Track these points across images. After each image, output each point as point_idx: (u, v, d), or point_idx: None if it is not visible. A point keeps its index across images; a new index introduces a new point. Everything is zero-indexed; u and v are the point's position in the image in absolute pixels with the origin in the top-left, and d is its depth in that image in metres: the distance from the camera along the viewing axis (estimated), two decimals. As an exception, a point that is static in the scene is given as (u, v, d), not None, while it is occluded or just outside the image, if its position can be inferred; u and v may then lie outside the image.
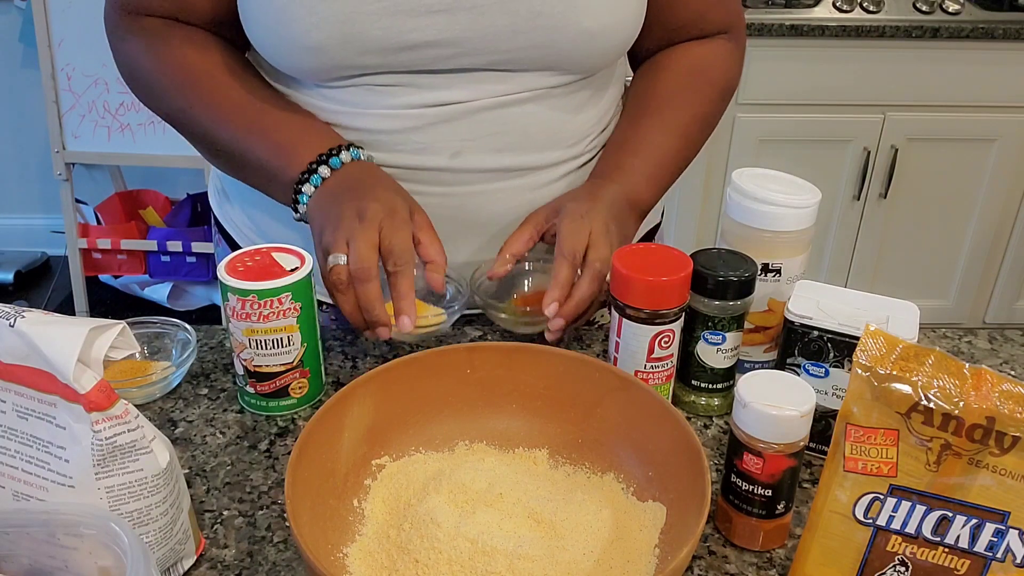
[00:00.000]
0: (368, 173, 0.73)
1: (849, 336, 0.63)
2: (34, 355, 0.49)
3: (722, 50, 0.86)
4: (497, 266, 0.76)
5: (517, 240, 0.76)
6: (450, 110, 0.74)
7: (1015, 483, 0.47)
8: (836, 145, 2.08)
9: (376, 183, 0.72)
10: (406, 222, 0.69)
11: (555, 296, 0.70)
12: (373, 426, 0.62)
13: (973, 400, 0.46)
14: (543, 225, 0.76)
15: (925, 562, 0.50)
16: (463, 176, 0.77)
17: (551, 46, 0.72)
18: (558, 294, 0.70)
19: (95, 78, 2.12)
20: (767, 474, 0.56)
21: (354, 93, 0.74)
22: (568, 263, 0.71)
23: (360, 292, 0.67)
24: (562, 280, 0.71)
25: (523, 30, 0.70)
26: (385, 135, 0.75)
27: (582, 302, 0.71)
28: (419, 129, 0.74)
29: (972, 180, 2.13)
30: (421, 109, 0.73)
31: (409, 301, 0.68)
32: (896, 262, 2.24)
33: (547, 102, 0.76)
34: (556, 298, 0.70)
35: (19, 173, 2.70)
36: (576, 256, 0.71)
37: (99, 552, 0.48)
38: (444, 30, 0.69)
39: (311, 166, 0.72)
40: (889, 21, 1.94)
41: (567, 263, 0.71)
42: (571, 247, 0.71)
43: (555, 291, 0.70)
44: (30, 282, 2.62)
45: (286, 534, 0.60)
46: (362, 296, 0.67)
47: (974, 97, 2.03)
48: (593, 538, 0.55)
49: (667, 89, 0.84)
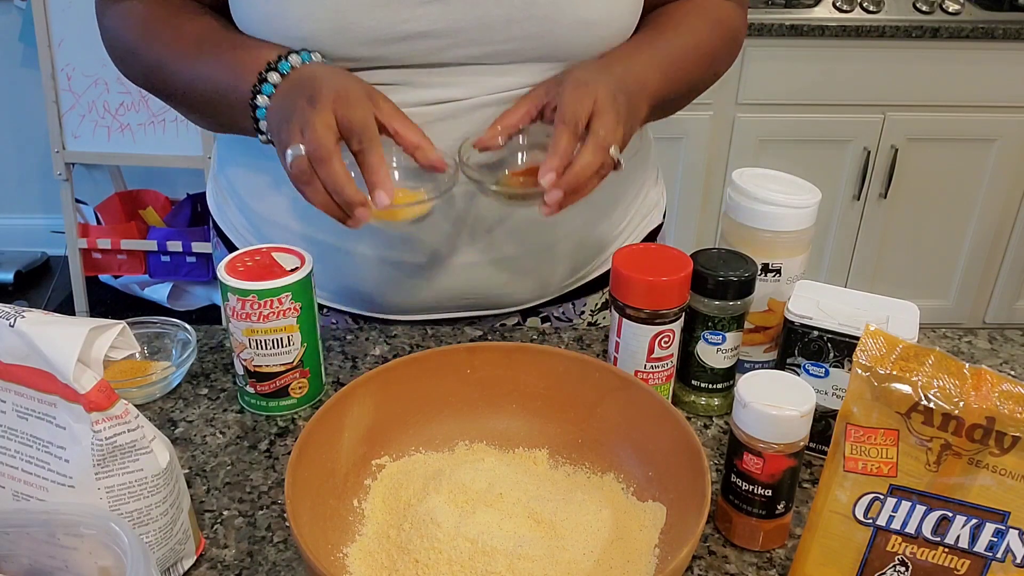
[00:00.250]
0: (319, 68, 0.69)
1: (849, 336, 0.63)
2: (34, 355, 0.49)
3: (727, 6, 0.84)
4: (487, 135, 0.70)
5: (512, 113, 0.70)
6: (449, 108, 0.73)
7: (1015, 483, 0.47)
8: (836, 145, 2.08)
9: (328, 73, 0.67)
10: (362, 99, 0.65)
11: (552, 165, 0.64)
12: (373, 426, 0.62)
13: (973, 400, 0.46)
14: (543, 99, 0.70)
15: (925, 562, 0.50)
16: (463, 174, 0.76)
17: (546, 36, 0.71)
18: (556, 163, 0.64)
19: (95, 78, 2.12)
20: (767, 474, 0.56)
21: None
22: (568, 130, 0.65)
23: (323, 175, 0.62)
24: (561, 148, 0.65)
25: (517, 19, 0.70)
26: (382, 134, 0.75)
27: (582, 173, 0.65)
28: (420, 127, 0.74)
29: (972, 180, 2.13)
30: (419, 108, 0.73)
31: (382, 175, 0.63)
32: (896, 262, 2.24)
33: None
34: (553, 167, 0.64)
35: (19, 173, 2.70)
36: (578, 123, 0.65)
37: (99, 552, 0.48)
38: (438, 20, 0.69)
39: (260, 75, 0.69)
40: (889, 21, 1.94)
41: (567, 130, 0.65)
42: (573, 113, 0.65)
43: (553, 160, 0.65)
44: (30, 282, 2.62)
45: (286, 534, 0.60)
46: (326, 178, 0.62)
47: (974, 97, 2.03)
48: (593, 538, 0.55)
49: (674, 16, 0.80)
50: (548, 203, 0.65)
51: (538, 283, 0.83)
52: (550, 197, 0.65)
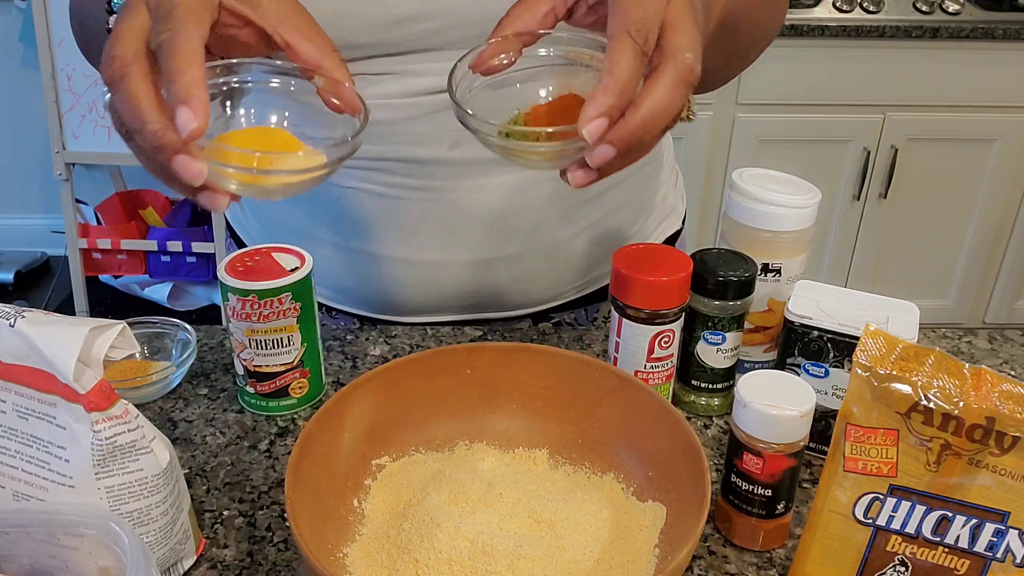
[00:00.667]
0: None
1: (849, 336, 0.63)
2: (34, 355, 0.49)
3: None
4: (490, 48, 0.49)
5: (527, 9, 0.49)
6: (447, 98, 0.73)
7: (1015, 483, 0.47)
8: (836, 145, 2.08)
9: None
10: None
11: (606, 103, 0.43)
12: (373, 426, 0.62)
13: (973, 400, 0.46)
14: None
15: (925, 562, 0.50)
16: (463, 168, 0.74)
17: None
18: (611, 100, 0.43)
19: (95, 78, 2.12)
20: (767, 474, 0.56)
21: None
22: (633, 45, 0.43)
23: (115, 100, 0.44)
24: (622, 74, 0.43)
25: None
26: (381, 126, 0.73)
27: (652, 117, 0.44)
28: (416, 119, 0.72)
29: (972, 180, 2.13)
30: (416, 98, 0.71)
31: (187, 81, 0.42)
32: (896, 262, 2.24)
33: None
34: (606, 107, 0.43)
35: (19, 173, 2.70)
36: (648, 37, 0.44)
37: (99, 552, 0.48)
38: (430, 1, 0.67)
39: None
40: (889, 21, 1.94)
41: (631, 45, 0.43)
42: (640, 19, 0.44)
43: (607, 94, 0.43)
44: (30, 282, 2.62)
45: (286, 534, 0.60)
46: (119, 103, 0.44)
47: (974, 97, 2.03)
48: (593, 538, 0.55)
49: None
50: (594, 163, 0.45)
51: (548, 285, 0.82)
52: (597, 155, 0.44)
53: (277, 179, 0.47)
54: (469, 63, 0.50)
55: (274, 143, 0.50)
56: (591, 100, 0.44)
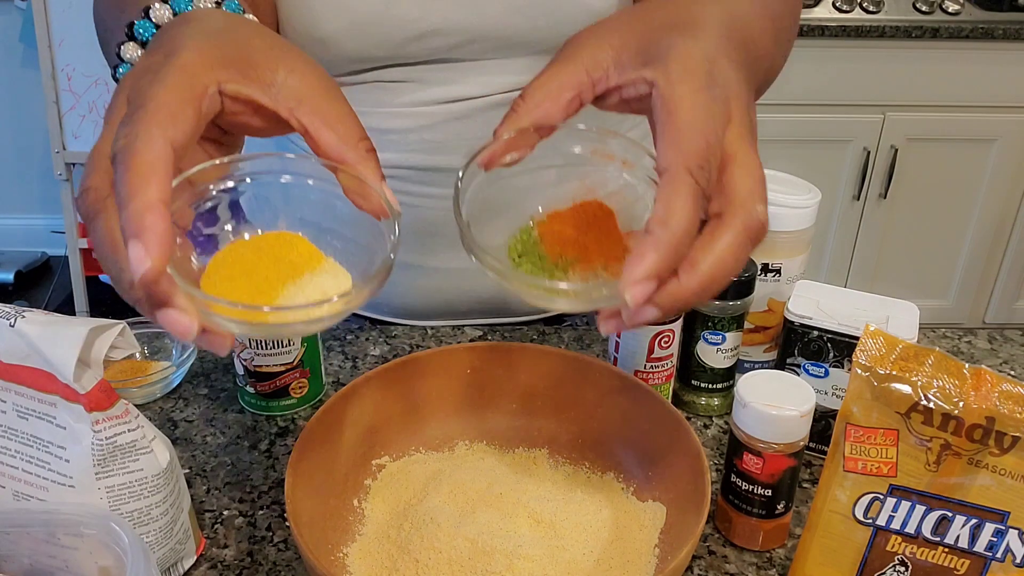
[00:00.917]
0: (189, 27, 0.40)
1: (849, 336, 0.63)
2: (34, 355, 0.49)
3: None
4: (501, 148, 0.41)
5: (539, 93, 0.41)
6: (463, 106, 0.72)
7: (1015, 483, 0.47)
8: (836, 145, 2.08)
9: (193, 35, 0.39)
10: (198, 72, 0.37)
11: (656, 263, 0.36)
12: (373, 426, 0.62)
13: (973, 400, 0.46)
14: (600, 74, 0.41)
15: (925, 562, 0.50)
16: None
17: (554, 27, 0.68)
18: (663, 259, 0.36)
19: (95, 78, 2.12)
20: (767, 474, 0.56)
21: (364, 91, 0.73)
22: (693, 187, 0.36)
23: (92, 240, 0.37)
24: (678, 226, 0.36)
25: (524, 10, 0.67)
26: (397, 134, 0.73)
27: (712, 282, 0.38)
28: (432, 127, 0.72)
29: (972, 180, 2.13)
30: (433, 106, 0.72)
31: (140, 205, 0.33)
32: (896, 262, 2.24)
33: None
34: (656, 267, 0.36)
35: (19, 173, 2.70)
36: (712, 174, 0.37)
37: (99, 552, 0.48)
38: (448, 16, 0.67)
39: (118, 46, 0.45)
40: (889, 21, 1.94)
41: (690, 187, 0.36)
42: (703, 151, 0.37)
43: (660, 250, 0.36)
44: (30, 282, 2.61)
45: (286, 534, 0.60)
46: (94, 244, 0.37)
47: (974, 97, 2.03)
48: (593, 538, 0.55)
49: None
50: (629, 322, 0.39)
51: None
52: (636, 317, 0.38)
53: (292, 316, 0.37)
54: (479, 161, 0.41)
55: (289, 257, 0.40)
56: (639, 256, 0.36)
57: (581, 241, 0.41)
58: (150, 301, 0.36)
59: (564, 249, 0.41)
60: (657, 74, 0.39)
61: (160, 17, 0.43)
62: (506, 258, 0.41)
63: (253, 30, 0.42)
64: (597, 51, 0.41)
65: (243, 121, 0.41)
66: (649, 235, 0.36)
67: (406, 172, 0.74)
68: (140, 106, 0.35)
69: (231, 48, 0.39)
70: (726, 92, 0.39)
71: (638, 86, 0.40)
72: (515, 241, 0.42)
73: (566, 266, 0.41)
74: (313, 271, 0.40)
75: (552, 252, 0.41)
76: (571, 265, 0.40)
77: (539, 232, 0.42)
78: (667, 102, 0.38)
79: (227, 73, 0.38)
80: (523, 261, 0.42)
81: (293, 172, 0.42)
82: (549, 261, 0.41)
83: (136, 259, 0.33)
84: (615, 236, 0.42)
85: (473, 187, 0.41)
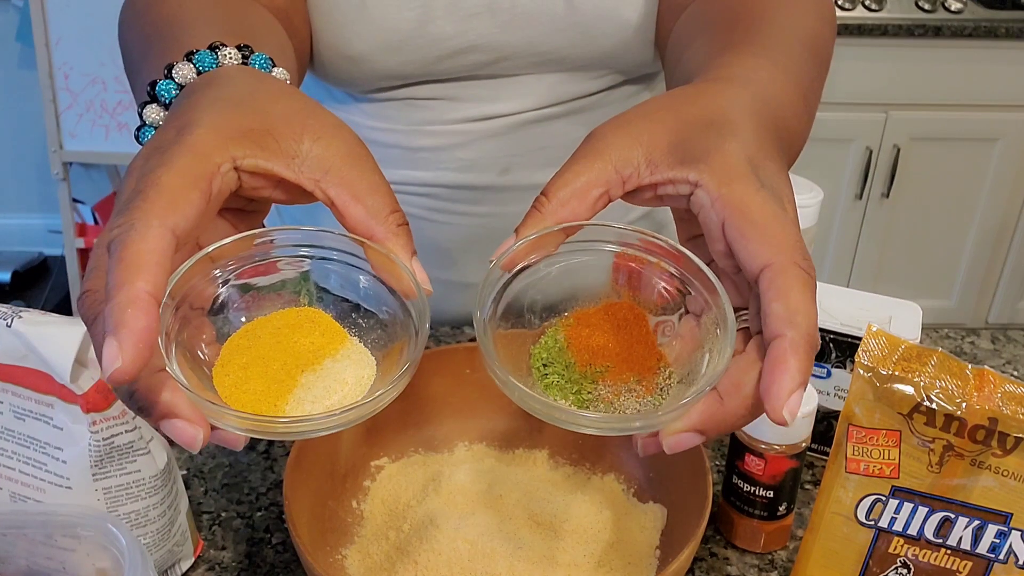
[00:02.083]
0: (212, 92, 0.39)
1: (851, 336, 0.62)
2: (31, 355, 0.49)
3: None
4: (524, 249, 0.39)
5: (574, 193, 0.38)
6: (496, 124, 0.71)
7: (1017, 484, 0.46)
8: (838, 144, 2.08)
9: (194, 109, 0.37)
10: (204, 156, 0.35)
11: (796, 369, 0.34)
12: (372, 427, 0.62)
13: (976, 401, 0.46)
14: (630, 171, 0.38)
15: (927, 564, 0.50)
16: (512, 194, 0.73)
17: (590, 43, 0.67)
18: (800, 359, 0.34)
19: (93, 77, 2.12)
20: (769, 475, 0.56)
21: (396, 108, 0.71)
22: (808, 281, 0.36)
23: (94, 345, 0.33)
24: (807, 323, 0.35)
25: (561, 28, 0.67)
26: (429, 152, 0.72)
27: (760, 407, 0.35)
28: (464, 145, 0.72)
29: (975, 179, 2.12)
30: (465, 124, 0.71)
31: (122, 299, 0.31)
32: (898, 262, 2.23)
33: (598, 111, 0.72)
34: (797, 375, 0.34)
35: (16, 172, 2.70)
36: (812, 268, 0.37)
37: (96, 554, 0.48)
38: (484, 33, 0.67)
39: (141, 107, 0.42)
40: (891, 20, 1.93)
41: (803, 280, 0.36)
42: (797, 242, 0.37)
43: (796, 351, 0.34)
44: (27, 282, 2.61)
45: (284, 536, 0.60)
46: (97, 352, 0.32)
47: (977, 96, 2.02)
48: (593, 540, 0.55)
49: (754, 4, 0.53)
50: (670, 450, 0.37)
51: None
52: (676, 447, 0.36)
53: (306, 427, 0.35)
54: (500, 264, 0.38)
55: (309, 339, 0.38)
56: (781, 365, 0.33)
57: (612, 348, 0.39)
58: (154, 415, 0.33)
59: (594, 358, 0.38)
60: (702, 176, 0.37)
61: (184, 77, 0.41)
62: (531, 375, 0.38)
63: (278, 92, 0.40)
64: (626, 148, 0.39)
65: (265, 195, 0.39)
66: (782, 339, 0.34)
67: (437, 190, 0.73)
68: (139, 192, 0.34)
69: (251, 118, 0.37)
70: (778, 193, 0.37)
71: (678, 186, 0.38)
72: (539, 349, 0.40)
73: (595, 376, 0.38)
74: (334, 356, 0.38)
75: (581, 360, 0.39)
76: (601, 376, 0.38)
77: (566, 337, 0.39)
78: (729, 202, 0.36)
79: (244, 148, 0.36)
80: (549, 371, 0.39)
81: (317, 246, 0.40)
82: (577, 371, 0.38)
83: (108, 357, 0.30)
84: (648, 342, 0.39)
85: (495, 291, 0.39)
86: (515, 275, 0.39)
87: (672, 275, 0.39)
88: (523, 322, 0.40)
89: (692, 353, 0.38)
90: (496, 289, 0.39)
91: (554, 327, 0.40)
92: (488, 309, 0.38)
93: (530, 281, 0.40)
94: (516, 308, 0.40)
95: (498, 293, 0.39)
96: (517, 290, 0.39)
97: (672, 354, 0.39)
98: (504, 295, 0.39)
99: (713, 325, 0.37)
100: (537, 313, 0.40)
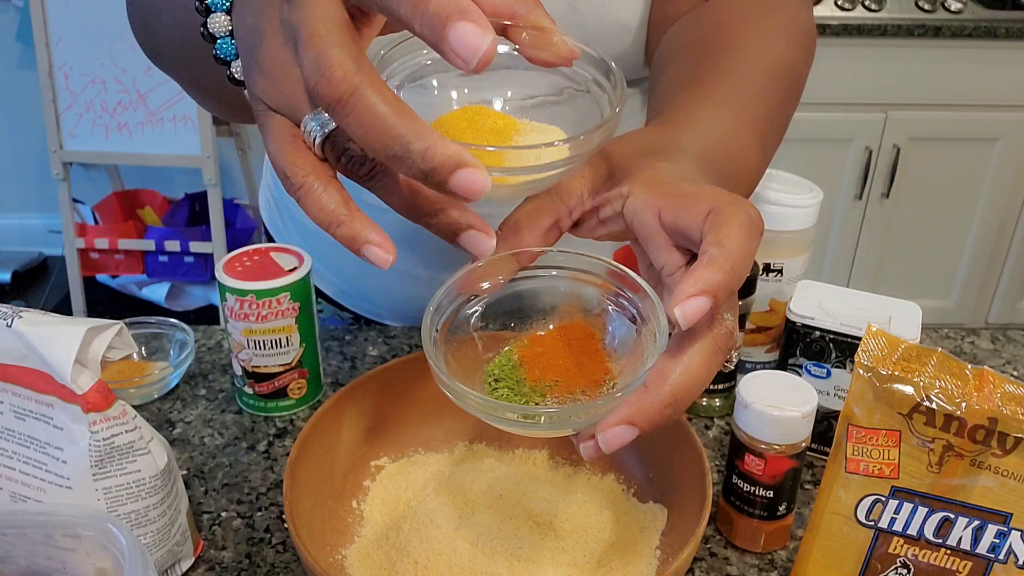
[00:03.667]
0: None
1: (851, 336, 0.62)
2: (31, 355, 0.49)
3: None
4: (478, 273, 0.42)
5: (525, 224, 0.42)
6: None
7: (1017, 484, 0.46)
8: (838, 144, 2.08)
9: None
10: None
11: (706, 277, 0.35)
12: (372, 427, 0.62)
13: (975, 401, 0.46)
14: (574, 201, 0.42)
15: (927, 564, 0.50)
16: None
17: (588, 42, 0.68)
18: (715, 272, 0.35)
19: (92, 77, 2.12)
20: (768, 475, 0.56)
21: None
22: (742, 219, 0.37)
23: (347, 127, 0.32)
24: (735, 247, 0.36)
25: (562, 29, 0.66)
26: None
27: (684, 393, 0.37)
28: None
29: (975, 179, 2.12)
30: None
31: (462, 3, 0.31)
32: (898, 262, 2.23)
33: None
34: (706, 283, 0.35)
35: (16, 172, 2.70)
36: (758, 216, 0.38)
37: (97, 554, 0.48)
38: None
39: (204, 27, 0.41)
40: (891, 19, 1.93)
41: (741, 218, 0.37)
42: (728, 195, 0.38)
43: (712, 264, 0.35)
44: (27, 282, 2.61)
45: (284, 536, 0.60)
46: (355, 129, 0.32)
47: (977, 96, 2.02)
48: (593, 540, 0.55)
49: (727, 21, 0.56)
50: (606, 446, 0.38)
51: None
52: (611, 441, 0.37)
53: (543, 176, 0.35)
54: (456, 287, 0.41)
55: (494, 126, 0.38)
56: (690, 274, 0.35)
57: (563, 364, 0.41)
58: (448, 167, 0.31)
59: (544, 373, 0.41)
60: (633, 185, 0.40)
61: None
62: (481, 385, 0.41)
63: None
64: (570, 181, 0.42)
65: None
66: (703, 254, 0.35)
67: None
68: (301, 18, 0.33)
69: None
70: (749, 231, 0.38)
71: (613, 203, 0.41)
72: (492, 367, 0.42)
73: (544, 390, 0.40)
74: (518, 132, 0.38)
75: (531, 376, 0.41)
76: (549, 390, 0.40)
77: (519, 356, 0.42)
78: (661, 194, 0.39)
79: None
80: (500, 386, 0.41)
81: None
82: (527, 385, 0.40)
83: (475, 35, 0.29)
84: (598, 358, 0.41)
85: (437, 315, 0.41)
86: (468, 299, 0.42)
87: (618, 293, 0.42)
88: (474, 343, 0.42)
89: (636, 364, 0.40)
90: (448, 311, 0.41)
91: (508, 348, 0.42)
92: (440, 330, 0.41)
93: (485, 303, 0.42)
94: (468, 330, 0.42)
95: (451, 314, 0.41)
96: (470, 313, 0.42)
97: (619, 368, 0.41)
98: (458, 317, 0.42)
99: (651, 336, 0.39)
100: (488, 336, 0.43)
